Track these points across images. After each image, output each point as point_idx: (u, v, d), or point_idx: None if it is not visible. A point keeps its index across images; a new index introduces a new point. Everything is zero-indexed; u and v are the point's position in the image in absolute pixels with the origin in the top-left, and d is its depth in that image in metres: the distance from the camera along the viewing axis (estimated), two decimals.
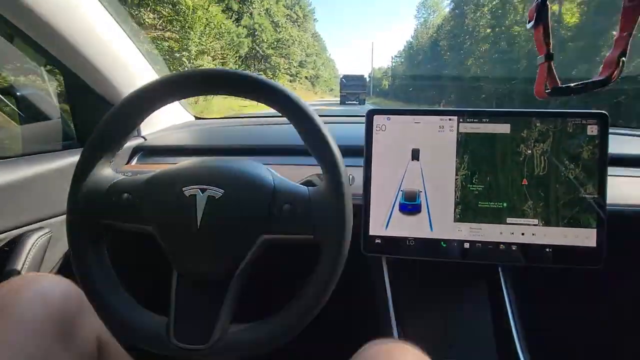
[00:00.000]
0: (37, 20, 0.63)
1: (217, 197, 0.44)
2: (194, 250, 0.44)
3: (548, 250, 0.62)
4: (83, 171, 0.46)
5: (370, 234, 0.65)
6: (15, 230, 0.64)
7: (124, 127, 0.48)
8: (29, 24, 0.64)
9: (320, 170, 0.46)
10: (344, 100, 24.24)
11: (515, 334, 0.62)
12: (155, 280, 0.57)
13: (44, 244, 0.67)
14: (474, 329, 0.68)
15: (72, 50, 0.71)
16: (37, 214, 0.67)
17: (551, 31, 0.42)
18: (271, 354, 0.44)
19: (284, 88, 0.45)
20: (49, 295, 0.48)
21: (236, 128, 1.07)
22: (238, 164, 0.48)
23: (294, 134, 0.46)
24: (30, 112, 0.80)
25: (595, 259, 0.61)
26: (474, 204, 0.63)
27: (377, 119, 0.65)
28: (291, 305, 0.44)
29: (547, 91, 0.44)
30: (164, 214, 0.45)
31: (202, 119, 1.17)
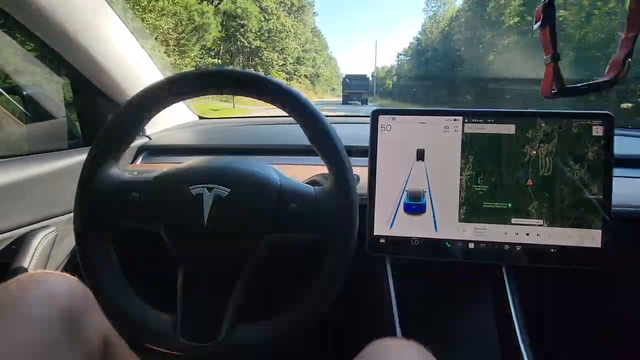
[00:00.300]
0: (44, 21, 0.63)
1: (223, 197, 0.44)
2: (200, 249, 0.45)
3: (553, 250, 0.61)
4: (90, 170, 0.46)
5: (374, 233, 0.65)
6: (22, 228, 0.64)
7: (130, 126, 0.48)
8: (36, 24, 0.64)
9: (326, 170, 0.46)
10: (346, 100, 24.17)
11: (519, 334, 0.62)
12: (162, 278, 0.57)
13: (50, 242, 0.68)
14: (478, 329, 0.68)
15: (79, 50, 0.71)
16: (43, 213, 0.68)
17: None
18: (276, 353, 0.45)
19: (291, 88, 0.46)
20: (56, 293, 0.49)
21: (241, 128, 1.07)
22: (244, 163, 0.48)
23: (299, 134, 0.46)
24: (36, 111, 0.80)
25: (600, 259, 0.61)
26: (479, 204, 0.63)
27: (382, 119, 0.65)
28: (297, 305, 0.44)
29: (553, 91, 0.44)
30: (170, 212, 0.45)
31: (207, 118, 1.17)
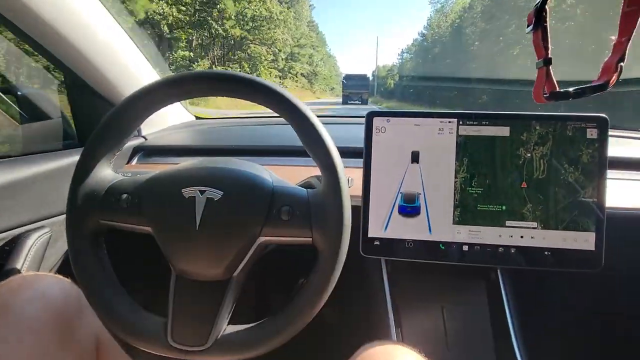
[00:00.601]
0: (38, 20, 0.63)
1: (216, 199, 0.44)
2: (192, 252, 0.45)
3: (547, 253, 0.62)
4: (83, 171, 0.46)
5: (369, 235, 0.65)
6: (15, 229, 0.64)
7: (124, 127, 0.48)
8: (30, 24, 0.64)
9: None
10: (346, 100, 24.18)
11: (513, 335, 0.62)
12: (154, 280, 0.57)
13: (44, 244, 0.68)
14: (473, 330, 0.68)
15: (74, 51, 0.71)
16: (37, 214, 0.67)
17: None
18: (268, 355, 0.44)
19: (281, 89, 0.45)
20: (49, 295, 0.49)
21: (237, 128, 1.07)
22: (237, 165, 0.48)
23: (293, 135, 0.46)
24: (31, 112, 0.80)
25: (594, 262, 0.61)
26: (473, 207, 0.63)
27: (376, 121, 0.65)
28: (288, 307, 0.44)
29: (545, 95, 0.44)
30: (163, 215, 0.45)
31: (203, 119, 1.17)
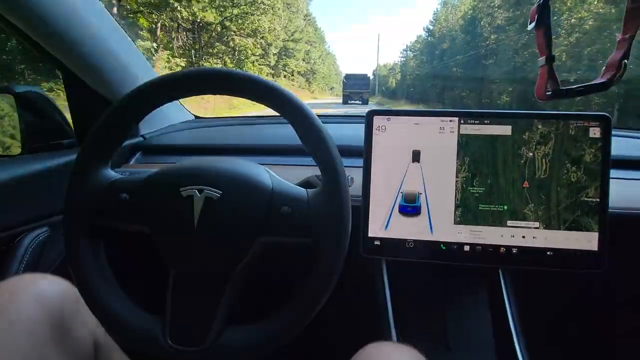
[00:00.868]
0: (36, 19, 0.62)
1: (214, 198, 0.43)
2: (190, 252, 0.44)
3: (549, 253, 0.61)
4: (80, 170, 0.46)
5: (369, 235, 0.64)
6: (13, 229, 0.64)
7: (121, 126, 0.48)
8: (28, 23, 0.64)
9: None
10: (346, 100, 24.16)
11: (514, 336, 0.62)
12: (151, 280, 0.57)
13: (42, 243, 0.67)
14: (474, 331, 0.67)
15: (72, 49, 0.71)
16: (35, 213, 0.67)
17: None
18: (268, 357, 0.44)
19: (281, 87, 0.45)
20: (46, 296, 0.48)
21: (236, 128, 1.06)
22: (236, 165, 0.48)
23: (294, 134, 0.46)
24: (29, 111, 0.80)
25: (596, 263, 0.60)
26: (474, 207, 0.62)
27: (377, 119, 0.65)
28: (287, 309, 0.44)
29: (547, 93, 0.44)
30: (161, 214, 0.45)
31: (202, 118, 1.17)
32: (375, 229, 0.64)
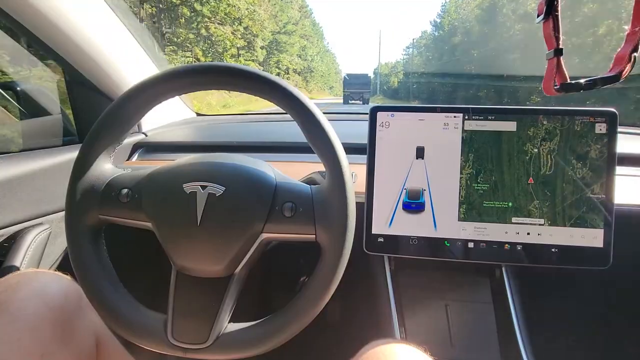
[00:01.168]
0: (38, 16, 0.62)
1: (217, 195, 0.43)
2: (193, 248, 0.44)
3: (554, 250, 0.60)
4: (82, 166, 0.45)
5: (373, 232, 0.64)
6: (15, 225, 0.63)
7: (123, 122, 0.47)
8: (30, 20, 0.63)
9: (323, 167, 0.45)
10: (347, 100, 24.19)
11: (518, 334, 0.61)
12: (154, 277, 0.57)
13: (44, 240, 0.67)
14: (477, 328, 0.67)
15: (74, 46, 0.70)
16: (36, 210, 0.67)
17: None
18: (271, 354, 0.44)
19: (286, 84, 0.44)
20: (48, 292, 0.48)
21: (238, 124, 1.06)
22: (240, 161, 0.47)
23: (296, 131, 0.46)
24: (31, 108, 0.79)
25: (602, 259, 0.60)
26: (479, 203, 0.62)
27: (380, 115, 0.64)
28: (291, 305, 0.43)
29: (555, 87, 0.43)
30: (163, 210, 0.44)
31: (204, 115, 1.16)
32: (379, 226, 0.64)
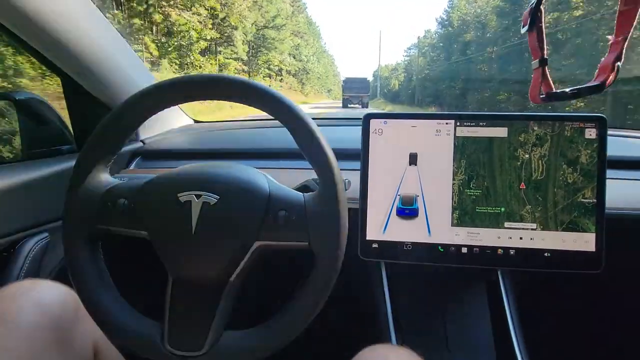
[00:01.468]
0: (35, 26, 0.63)
1: (212, 203, 0.44)
2: (188, 256, 0.44)
3: (546, 255, 0.61)
4: (79, 176, 0.46)
5: (367, 238, 0.64)
6: (13, 235, 0.64)
7: (120, 132, 0.48)
8: (27, 30, 0.64)
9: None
10: (346, 104, 24.32)
11: (514, 337, 0.62)
12: (150, 285, 0.57)
13: (42, 249, 0.67)
14: (473, 332, 0.67)
15: (71, 56, 0.71)
16: (35, 219, 0.67)
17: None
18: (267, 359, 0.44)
19: (273, 90, 0.45)
20: (46, 302, 0.48)
21: (235, 132, 1.07)
22: (233, 169, 0.48)
23: (292, 137, 0.46)
24: (29, 117, 0.80)
25: (594, 263, 0.60)
26: (471, 209, 0.62)
27: (373, 122, 0.65)
28: (285, 312, 0.44)
29: (541, 96, 0.44)
30: (159, 219, 0.45)
31: (202, 122, 1.17)
32: (373, 232, 0.64)
